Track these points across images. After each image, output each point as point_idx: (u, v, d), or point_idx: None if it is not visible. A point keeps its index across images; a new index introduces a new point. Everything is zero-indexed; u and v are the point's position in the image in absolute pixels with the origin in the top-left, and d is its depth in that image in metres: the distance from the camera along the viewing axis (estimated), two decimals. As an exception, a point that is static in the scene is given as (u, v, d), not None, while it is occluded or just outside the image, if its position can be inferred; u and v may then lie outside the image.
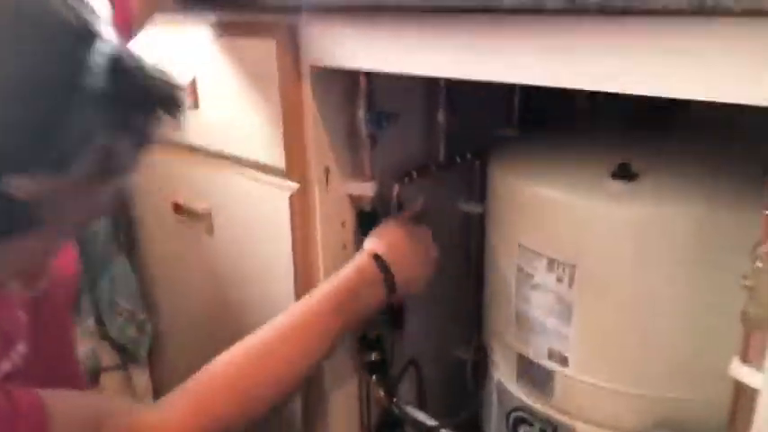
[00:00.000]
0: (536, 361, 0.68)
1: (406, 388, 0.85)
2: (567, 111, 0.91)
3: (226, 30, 0.74)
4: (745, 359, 0.49)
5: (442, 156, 0.82)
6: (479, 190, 0.89)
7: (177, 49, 0.79)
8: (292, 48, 0.65)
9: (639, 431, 0.61)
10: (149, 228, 0.98)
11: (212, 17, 0.75)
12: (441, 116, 0.80)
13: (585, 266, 0.61)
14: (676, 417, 0.60)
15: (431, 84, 0.79)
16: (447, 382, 0.96)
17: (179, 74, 0.76)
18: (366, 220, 0.75)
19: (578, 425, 0.66)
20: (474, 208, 0.91)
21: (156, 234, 0.98)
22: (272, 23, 0.67)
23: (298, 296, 0.75)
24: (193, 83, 0.78)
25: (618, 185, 0.59)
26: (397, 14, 0.55)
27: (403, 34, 0.55)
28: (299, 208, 0.71)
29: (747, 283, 0.48)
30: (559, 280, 0.63)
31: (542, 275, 0.64)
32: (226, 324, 0.85)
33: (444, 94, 0.79)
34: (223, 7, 0.73)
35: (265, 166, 0.73)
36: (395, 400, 0.79)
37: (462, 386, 0.86)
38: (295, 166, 0.70)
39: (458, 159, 0.84)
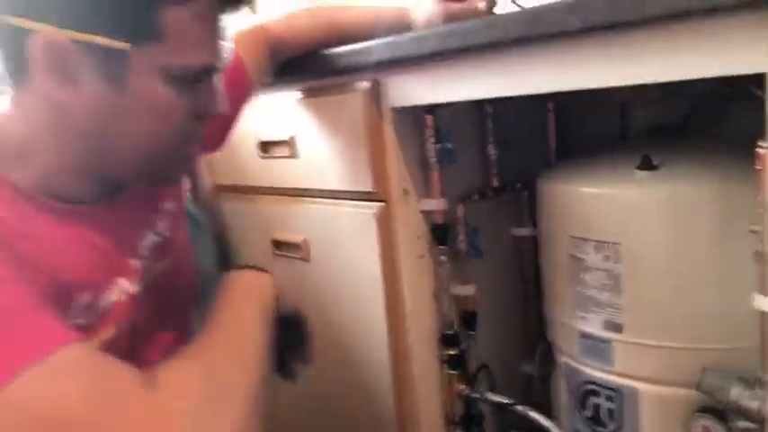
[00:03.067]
0: (595, 334, 0.80)
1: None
2: (595, 141, 1.08)
3: (315, 92, 0.94)
4: (763, 291, 0.61)
5: (495, 182, 0.99)
6: (529, 216, 1.05)
7: (276, 112, 1.00)
8: (374, 96, 0.85)
9: (691, 382, 0.72)
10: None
11: (302, 84, 0.96)
12: (491, 149, 0.98)
13: (627, 242, 0.74)
14: (722, 364, 0.71)
15: (482, 122, 0.97)
16: (515, 392, 1.06)
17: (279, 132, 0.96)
18: (439, 232, 0.91)
19: (638, 385, 0.77)
20: (524, 232, 1.06)
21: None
22: (355, 79, 0.86)
23: (386, 298, 0.90)
24: (292, 138, 0.98)
25: (642, 174, 0.74)
26: (452, 56, 0.73)
27: (461, 70, 0.74)
28: (384, 222, 0.88)
29: (755, 228, 0.61)
30: (607, 258, 0.76)
31: (592, 257, 0.78)
32: (328, 339, 0.99)
33: (492, 131, 0.97)
34: (310, 77, 0.94)
35: (354, 192, 0.91)
36: (474, 388, 0.91)
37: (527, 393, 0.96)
38: (380, 188, 0.87)
39: (509, 187, 1.01)
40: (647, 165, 0.74)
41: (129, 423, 0.45)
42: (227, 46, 0.63)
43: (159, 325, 0.71)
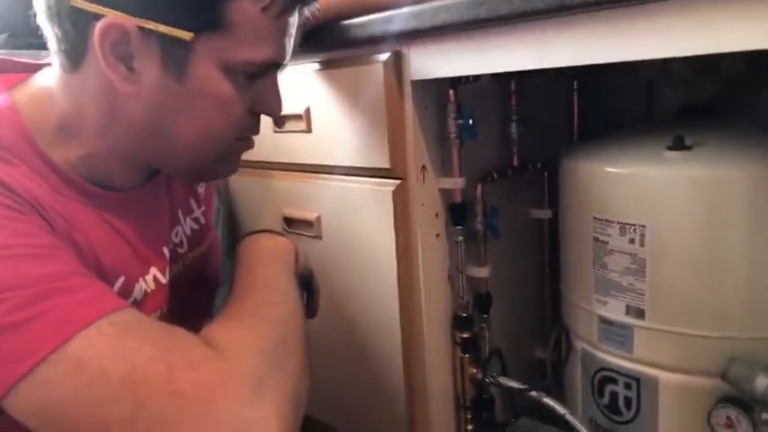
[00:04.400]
0: (616, 319, 0.77)
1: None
2: (620, 121, 1.05)
3: (332, 63, 0.91)
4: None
5: (515, 161, 0.96)
6: (548, 197, 1.02)
7: (292, 83, 0.97)
8: (395, 68, 0.82)
9: (715, 371, 0.70)
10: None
11: (318, 56, 0.93)
12: (513, 128, 0.95)
13: (654, 226, 0.72)
14: (749, 354, 0.69)
15: (504, 99, 0.94)
16: (527, 376, 1.04)
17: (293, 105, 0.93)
18: (456, 212, 0.88)
19: (658, 373, 0.75)
20: (544, 214, 1.03)
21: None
22: (375, 51, 0.83)
23: (399, 279, 0.87)
24: (307, 111, 0.95)
25: (674, 155, 0.71)
26: (481, 26, 0.70)
27: (489, 41, 0.71)
28: (401, 199, 0.85)
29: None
30: (632, 241, 0.74)
31: (616, 240, 0.75)
32: (339, 318, 0.97)
33: (515, 109, 0.94)
34: (328, 48, 0.91)
35: (371, 169, 0.88)
36: (487, 372, 0.89)
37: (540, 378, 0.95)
38: (397, 165, 0.85)
39: (529, 167, 0.98)
40: (679, 145, 0.71)
41: (198, 383, 0.43)
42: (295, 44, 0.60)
43: (187, 313, 0.70)
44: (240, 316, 0.53)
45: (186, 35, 0.51)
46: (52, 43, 0.54)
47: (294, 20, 0.58)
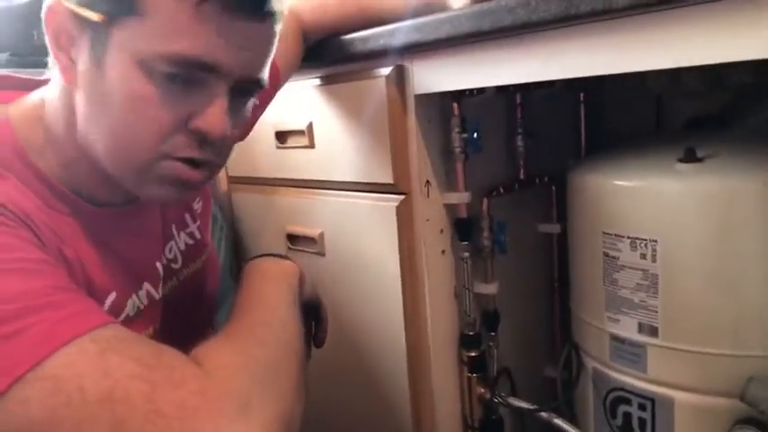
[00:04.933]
0: (628, 337, 0.75)
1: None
2: (628, 134, 1.03)
3: (334, 78, 0.90)
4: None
5: (522, 175, 0.94)
6: (556, 212, 1.00)
7: (294, 99, 0.96)
8: (398, 82, 0.80)
9: (733, 391, 0.67)
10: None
11: (321, 70, 0.92)
12: (519, 141, 0.93)
13: (666, 240, 0.69)
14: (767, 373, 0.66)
15: (510, 112, 0.93)
16: (536, 396, 1.01)
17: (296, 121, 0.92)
18: (462, 227, 0.86)
19: (674, 393, 0.72)
20: (552, 228, 1.01)
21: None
22: (378, 65, 0.82)
23: (405, 296, 0.85)
24: (310, 126, 0.94)
25: (686, 167, 0.69)
26: (484, 38, 0.69)
27: (493, 53, 0.69)
28: (405, 215, 0.83)
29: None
30: (643, 256, 0.72)
31: (627, 255, 0.73)
32: (342, 337, 0.95)
33: (521, 122, 0.93)
34: (331, 63, 0.90)
35: (374, 185, 0.86)
36: (497, 392, 0.86)
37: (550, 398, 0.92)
38: (400, 180, 0.83)
39: (536, 181, 0.96)
40: (691, 157, 0.69)
41: (181, 403, 0.41)
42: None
43: (183, 330, 0.68)
44: (233, 336, 0.51)
45: (96, 17, 0.47)
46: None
47: (241, 26, 0.49)
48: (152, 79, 0.48)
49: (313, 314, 0.71)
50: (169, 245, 0.68)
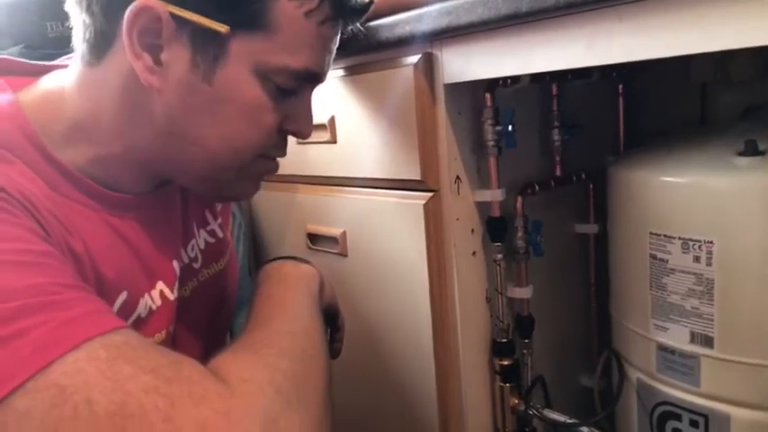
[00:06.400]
0: (678, 347, 0.68)
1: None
2: (671, 127, 0.97)
3: (360, 68, 0.85)
4: None
5: (558, 171, 0.88)
6: (594, 211, 0.94)
7: (314, 91, 0.91)
8: (426, 71, 0.75)
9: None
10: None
11: (344, 61, 0.87)
12: (555, 135, 0.87)
13: (723, 241, 0.63)
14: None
15: (545, 104, 0.87)
16: (572, 406, 0.95)
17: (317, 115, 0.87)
18: (494, 227, 0.80)
19: (730, 409, 0.65)
20: (590, 229, 0.95)
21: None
22: (404, 53, 0.77)
23: (433, 301, 0.80)
24: (332, 120, 0.89)
25: (747, 161, 0.63)
26: (522, 20, 0.63)
27: (530, 38, 0.64)
28: (433, 213, 0.78)
29: None
30: (697, 259, 0.65)
31: (677, 258, 0.67)
32: (366, 343, 0.90)
33: (557, 115, 0.87)
34: (354, 52, 0.85)
35: (401, 181, 0.81)
36: (531, 403, 0.80)
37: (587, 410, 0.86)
38: (429, 176, 0.78)
39: (573, 178, 0.90)
40: (752, 150, 0.62)
41: (202, 423, 0.37)
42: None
43: (198, 335, 0.64)
44: (256, 347, 0.47)
45: (222, 28, 0.47)
46: (78, 31, 0.51)
47: (336, 34, 0.55)
48: (264, 88, 0.51)
49: (330, 322, 0.67)
50: (191, 243, 0.64)
